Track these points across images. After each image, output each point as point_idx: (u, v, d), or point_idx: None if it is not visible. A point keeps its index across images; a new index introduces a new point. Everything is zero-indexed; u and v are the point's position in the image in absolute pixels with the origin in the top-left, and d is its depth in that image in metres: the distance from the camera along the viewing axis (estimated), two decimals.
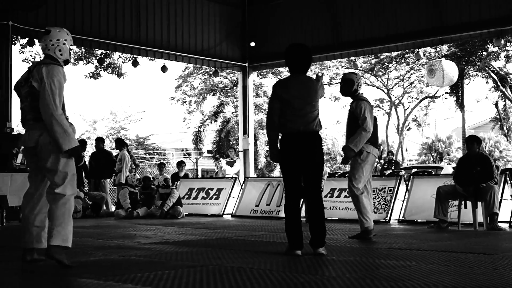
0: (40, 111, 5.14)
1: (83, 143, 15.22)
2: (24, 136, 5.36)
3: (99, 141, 15.56)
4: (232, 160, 16.87)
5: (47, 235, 5.14)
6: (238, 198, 13.67)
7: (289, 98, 6.07)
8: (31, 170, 5.50)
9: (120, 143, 15.58)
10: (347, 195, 10.06)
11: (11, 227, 10.41)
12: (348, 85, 7.70)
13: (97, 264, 5.44)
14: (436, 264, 5.26)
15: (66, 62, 5.46)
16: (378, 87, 38.01)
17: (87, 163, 15.44)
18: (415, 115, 40.64)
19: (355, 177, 7.57)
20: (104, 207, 14.38)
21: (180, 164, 16.85)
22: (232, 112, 36.06)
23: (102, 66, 24.34)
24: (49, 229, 5.13)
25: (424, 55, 27.54)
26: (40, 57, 23.08)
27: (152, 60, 20.13)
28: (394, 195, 11.30)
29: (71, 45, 5.53)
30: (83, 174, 14.97)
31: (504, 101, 35.54)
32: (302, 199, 11.82)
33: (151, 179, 13.83)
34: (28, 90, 5.27)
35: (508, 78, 32.85)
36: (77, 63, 24.30)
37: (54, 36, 5.41)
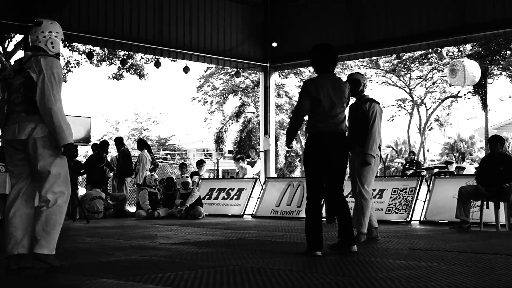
0: (37, 104, 4.89)
1: (105, 144, 15.32)
2: (12, 128, 5.00)
3: (115, 142, 15.74)
4: (253, 160, 16.88)
5: (34, 241, 4.91)
6: (258, 198, 13.67)
7: (320, 98, 6.02)
8: (14, 168, 5.10)
9: (141, 144, 15.66)
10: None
11: None
12: (355, 86, 7.64)
13: (118, 264, 5.47)
14: (457, 265, 5.23)
15: (57, 55, 5.23)
16: (400, 87, 37.83)
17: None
18: (437, 115, 40.40)
19: (367, 181, 7.50)
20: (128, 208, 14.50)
21: (200, 163, 16.92)
22: (253, 113, 36.09)
23: (125, 67, 24.50)
24: (37, 235, 4.89)
25: (447, 54, 27.33)
26: (64, 58, 23.32)
27: (174, 61, 20.24)
28: (416, 195, 11.23)
29: (62, 39, 5.31)
30: (106, 174, 15.09)
31: None
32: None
33: (174, 181, 13.88)
34: (22, 81, 4.99)
35: None
36: (100, 64, 24.50)
37: (46, 28, 5.19)
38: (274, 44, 16.95)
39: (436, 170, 21.96)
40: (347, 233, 6.06)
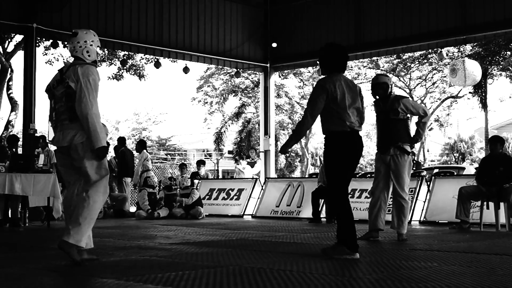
0: (76, 110, 5.19)
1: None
2: (57, 136, 5.38)
3: (117, 141, 15.75)
4: (253, 160, 16.88)
5: (65, 229, 5.21)
6: (258, 198, 13.68)
7: (344, 96, 5.86)
8: (65, 172, 5.52)
9: (141, 144, 15.64)
10: (368, 197, 9.95)
11: (33, 228, 10.51)
12: (384, 89, 7.68)
13: (118, 264, 5.47)
14: (457, 266, 5.23)
15: (94, 63, 5.51)
16: (400, 87, 37.81)
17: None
18: (437, 115, 40.35)
19: (405, 182, 7.58)
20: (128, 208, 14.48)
21: (200, 163, 16.91)
22: (253, 113, 36.08)
23: (125, 68, 24.49)
24: (67, 225, 5.21)
25: (447, 55, 27.32)
26: (64, 59, 23.34)
27: (174, 61, 20.24)
28: (416, 195, 11.24)
29: (98, 46, 5.59)
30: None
31: None
32: (322, 200, 11.82)
33: (174, 180, 13.86)
34: (64, 90, 5.30)
35: None
36: (100, 65, 24.49)
37: (82, 38, 5.48)
38: (274, 45, 16.96)
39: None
40: (350, 239, 5.78)
